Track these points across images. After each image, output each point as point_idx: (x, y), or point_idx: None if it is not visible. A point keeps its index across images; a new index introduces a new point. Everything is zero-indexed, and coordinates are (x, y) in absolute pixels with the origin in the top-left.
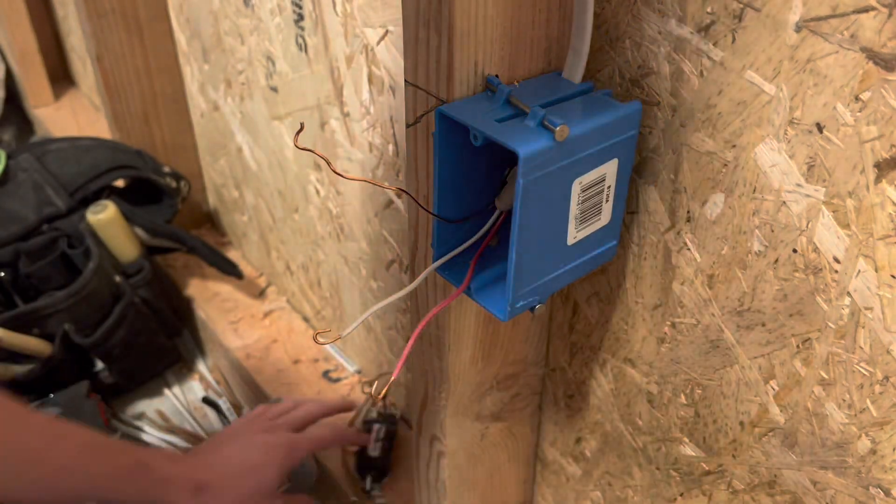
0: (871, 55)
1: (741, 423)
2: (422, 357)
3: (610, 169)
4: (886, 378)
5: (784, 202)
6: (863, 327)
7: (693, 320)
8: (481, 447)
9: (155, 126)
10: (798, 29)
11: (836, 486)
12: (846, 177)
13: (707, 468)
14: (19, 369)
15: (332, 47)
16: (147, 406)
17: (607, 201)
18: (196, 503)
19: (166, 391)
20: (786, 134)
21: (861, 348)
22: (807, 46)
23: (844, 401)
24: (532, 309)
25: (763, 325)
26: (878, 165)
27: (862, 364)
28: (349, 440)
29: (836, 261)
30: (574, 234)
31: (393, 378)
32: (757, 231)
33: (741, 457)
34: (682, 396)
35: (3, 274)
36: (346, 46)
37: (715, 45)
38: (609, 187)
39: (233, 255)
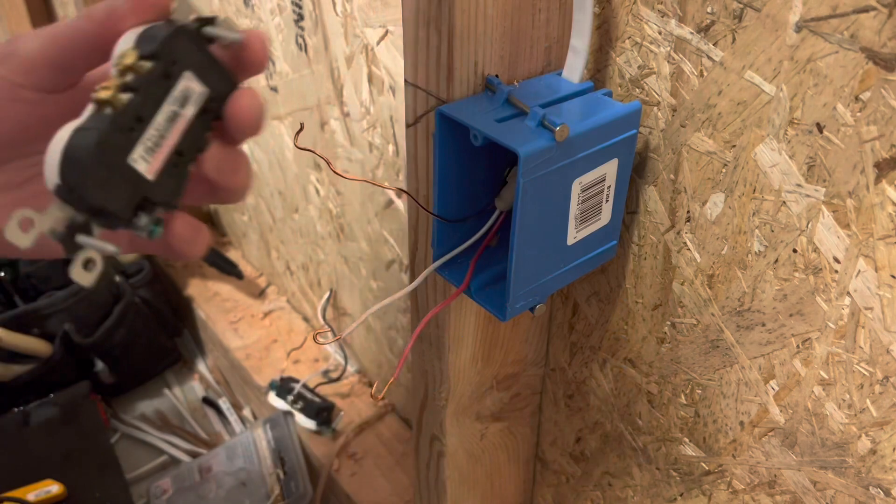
0: (871, 55)
1: (741, 423)
2: (422, 357)
3: (610, 169)
4: (886, 378)
5: (784, 202)
6: (863, 327)
7: (693, 320)
8: (481, 447)
9: None
10: (798, 29)
11: (836, 486)
12: (846, 177)
13: (707, 468)
14: (19, 369)
15: (332, 47)
16: (147, 406)
17: (607, 201)
18: None
19: (166, 391)
20: (786, 134)
21: (861, 348)
22: (807, 46)
23: (844, 401)
24: (532, 309)
25: (763, 325)
26: (878, 165)
27: (862, 364)
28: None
29: (836, 261)
30: (574, 234)
31: (393, 378)
32: (757, 231)
33: (741, 457)
34: (682, 396)
35: (3, 274)
36: (346, 46)
37: (715, 45)
38: (609, 187)
39: (233, 255)
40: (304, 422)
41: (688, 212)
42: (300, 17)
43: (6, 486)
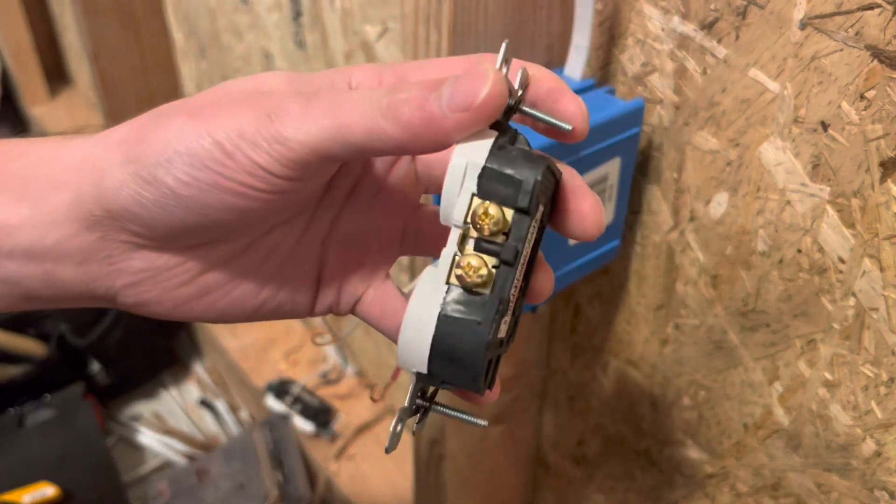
0: (876, 53)
1: (745, 425)
2: None
3: (612, 168)
4: (892, 379)
5: (788, 201)
6: (868, 328)
7: (696, 321)
8: (481, 450)
9: None
10: (802, 26)
11: (841, 489)
12: (851, 176)
13: (710, 471)
14: (14, 370)
15: (331, 44)
16: (144, 408)
17: (609, 200)
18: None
19: (163, 392)
20: (790, 132)
21: (866, 349)
22: (811, 44)
23: (849, 402)
24: (533, 309)
25: (767, 325)
26: (883, 164)
27: (867, 365)
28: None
29: (841, 261)
30: None
31: (393, 381)
32: (761, 231)
33: (745, 459)
34: (686, 398)
35: None
36: (345, 43)
37: (719, 42)
38: (611, 186)
39: None
40: (303, 424)
41: (691, 211)
42: (298, 14)
43: (0, 488)
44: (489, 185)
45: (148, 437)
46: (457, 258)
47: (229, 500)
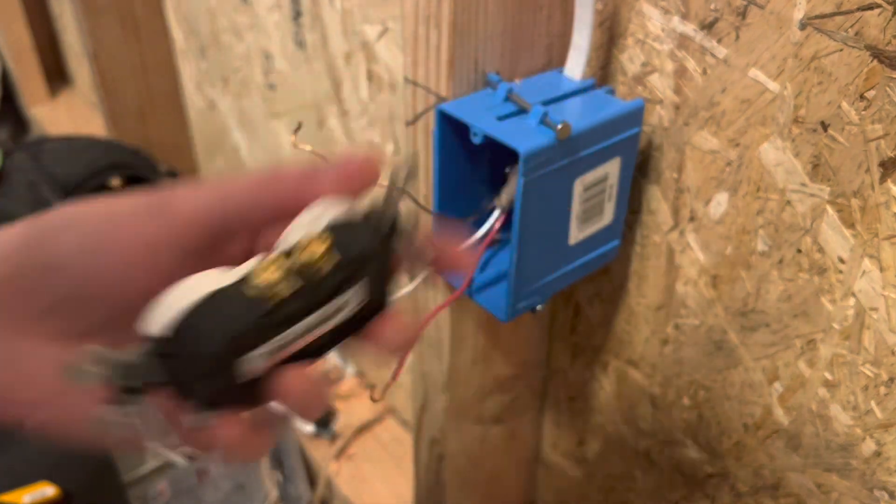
0: (876, 53)
1: (745, 426)
2: (422, 359)
3: (612, 168)
4: (892, 379)
5: (788, 201)
6: (868, 328)
7: (696, 321)
8: (482, 450)
9: (151, 124)
10: (802, 26)
11: (841, 489)
12: (851, 176)
13: (710, 471)
14: None
15: (331, 44)
16: None
17: (609, 200)
18: None
19: None
20: (790, 132)
21: (866, 349)
22: (811, 44)
23: (849, 402)
24: (533, 310)
25: (767, 325)
26: (883, 164)
27: (867, 365)
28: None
29: (841, 261)
30: (576, 234)
31: (392, 381)
32: (761, 231)
33: (745, 459)
34: (686, 398)
35: None
36: (345, 43)
37: (719, 42)
38: (611, 186)
39: None
40: (303, 424)
41: (691, 211)
42: (298, 14)
43: (0, 488)
44: (332, 233)
45: None
46: None
47: (229, 500)
